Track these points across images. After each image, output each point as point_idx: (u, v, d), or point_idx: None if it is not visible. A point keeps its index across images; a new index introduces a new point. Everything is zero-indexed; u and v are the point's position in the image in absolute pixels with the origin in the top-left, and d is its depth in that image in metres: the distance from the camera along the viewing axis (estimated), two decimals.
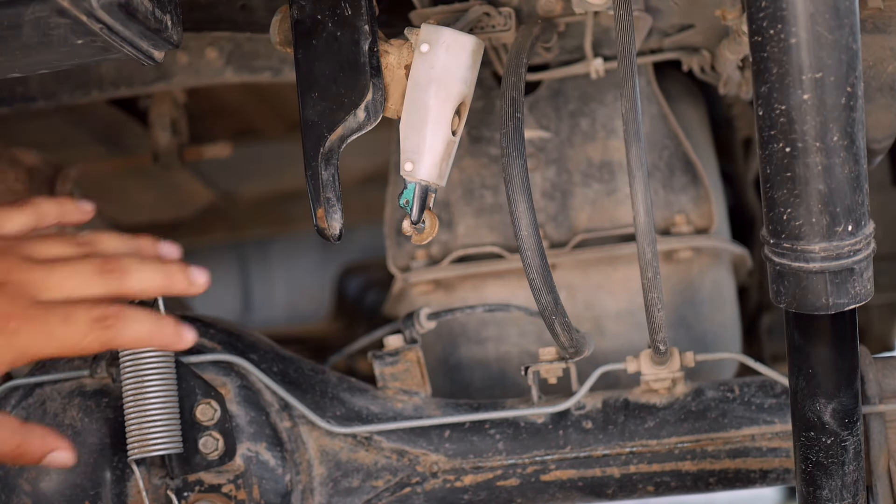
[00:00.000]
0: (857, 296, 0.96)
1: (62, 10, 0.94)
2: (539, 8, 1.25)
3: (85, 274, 0.98)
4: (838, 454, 1.10)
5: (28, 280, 0.96)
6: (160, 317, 0.99)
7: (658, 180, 1.47)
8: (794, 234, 0.93)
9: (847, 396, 1.07)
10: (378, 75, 1.10)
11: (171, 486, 1.28)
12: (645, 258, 1.02)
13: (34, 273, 0.97)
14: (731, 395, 1.29)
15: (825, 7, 0.86)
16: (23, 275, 0.96)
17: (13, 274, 0.96)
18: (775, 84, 0.88)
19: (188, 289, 1.02)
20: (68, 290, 0.97)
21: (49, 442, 1.01)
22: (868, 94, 1.26)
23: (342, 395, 1.32)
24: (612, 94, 1.48)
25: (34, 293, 0.96)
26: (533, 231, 1.04)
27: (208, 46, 1.55)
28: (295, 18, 1.10)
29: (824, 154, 0.89)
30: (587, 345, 1.19)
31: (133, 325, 0.97)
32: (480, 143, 1.49)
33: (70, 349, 0.95)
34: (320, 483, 1.31)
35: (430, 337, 1.51)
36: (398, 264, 1.52)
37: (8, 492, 1.27)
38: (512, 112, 1.06)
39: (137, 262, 1.00)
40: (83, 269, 0.98)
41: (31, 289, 0.96)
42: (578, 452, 1.29)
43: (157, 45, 1.04)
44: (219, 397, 1.27)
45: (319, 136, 1.10)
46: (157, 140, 1.78)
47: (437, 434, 1.31)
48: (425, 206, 1.13)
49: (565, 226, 1.48)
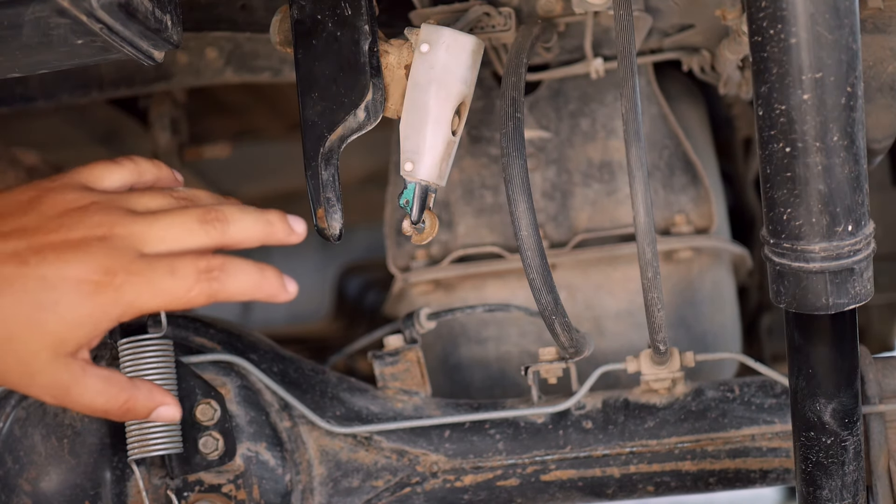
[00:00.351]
0: (857, 296, 0.96)
1: (62, 10, 0.94)
2: (539, 8, 1.25)
3: (187, 223, 0.96)
4: (838, 454, 1.10)
5: (131, 233, 0.95)
6: (263, 267, 0.97)
7: (658, 180, 1.47)
8: (794, 234, 0.93)
9: (847, 396, 1.07)
10: (378, 75, 1.10)
11: (171, 486, 1.28)
12: (645, 258, 1.02)
13: (137, 225, 0.95)
14: (731, 395, 1.29)
15: (825, 7, 0.86)
16: (125, 227, 0.95)
17: (116, 227, 0.94)
18: (775, 84, 0.88)
19: (288, 237, 1.01)
20: (171, 240, 0.95)
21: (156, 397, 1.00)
22: (868, 94, 1.26)
23: (342, 395, 1.32)
24: (612, 94, 1.48)
25: (138, 246, 0.94)
26: (533, 231, 1.04)
27: (208, 46, 1.55)
28: (295, 18, 1.10)
29: (824, 154, 0.89)
30: (587, 345, 1.19)
31: (238, 275, 0.96)
32: (480, 143, 1.49)
33: (176, 302, 0.94)
34: (320, 483, 1.31)
35: (430, 337, 1.51)
36: (398, 264, 1.52)
37: (8, 492, 1.27)
38: (512, 112, 1.06)
39: (238, 211, 0.99)
40: (185, 219, 0.97)
41: (135, 241, 0.94)
42: (578, 452, 1.29)
43: (157, 45, 1.04)
44: (219, 397, 1.27)
45: (319, 136, 1.10)
46: (157, 140, 1.78)
47: (437, 434, 1.31)
48: (425, 206, 1.13)
49: (565, 226, 1.48)
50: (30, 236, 0.93)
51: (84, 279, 0.92)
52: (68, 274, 0.92)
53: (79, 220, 0.94)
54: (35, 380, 0.94)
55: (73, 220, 0.94)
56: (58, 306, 0.92)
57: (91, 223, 0.94)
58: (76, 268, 0.92)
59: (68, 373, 0.95)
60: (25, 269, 0.92)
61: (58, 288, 0.92)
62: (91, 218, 0.94)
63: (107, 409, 0.98)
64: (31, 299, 0.92)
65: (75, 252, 0.93)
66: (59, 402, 0.96)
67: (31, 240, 0.93)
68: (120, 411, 0.99)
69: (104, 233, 0.94)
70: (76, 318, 0.93)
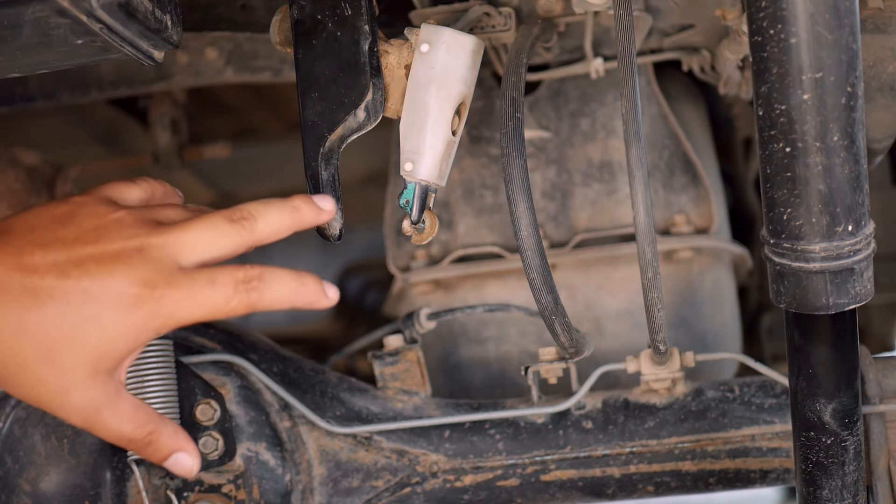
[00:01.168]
0: (858, 296, 0.96)
1: (62, 10, 0.94)
2: (539, 8, 1.25)
3: (218, 225, 0.97)
4: (838, 454, 1.10)
5: (166, 242, 0.95)
6: (302, 275, 0.97)
7: (658, 180, 1.47)
8: (794, 234, 0.93)
9: (847, 396, 1.07)
10: (378, 75, 1.10)
11: (171, 486, 1.28)
12: (645, 258, 1.02)
13: (170, 234, 0.95)
14: (731, 395, 1.29)
15: (825, 7, 0.86)
16: (160, 237, 0.95)
17: (151, 237, 0.94)
18: (775, 84, 0.88)
19: (318, 217, 1.02)
20: (204, 245, 0.96)
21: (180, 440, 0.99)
22: (868, 94, 1.26)
23: (342, 395, 1.32)
24: (612, 94, 1.48)
25: (174, 255, 0.94)
26: (533, 231, 1.04)
27: (208, 46, 1.55)
28: (295, 18, 1.10)
29: (824, 154, 0.89)
30: (587, 345, 1.19)
31: (277, 284, 0.96)
32: (480, 143, 1.49)
33: (215, 313, 0.94)
34: (320, 483, 1.31)
35: (430, 337, 1.51)
36: (398, 264, 1.52)
37: (8, 492, 1.27)
38: (512, 112, 1.06)
39: (262, 205, 0.99)
40: (214, 222, 0.97)
41: (170, 251, 0.94)
42: (578, 452, 1.29)
43: (157, 45, 1.04)
44: (219, 397, 1.27)
45: (319, 136, 1.10)
46: (157, 140, 1.78)
47: (437, 434, 1.31)
48: (425, 206, 1.13)
49: (565, 226, 1.48)
50: (69, 248, 0.93)
51: (125, 292, 0.92)
52: (110, 287, 0.91)
53: (115, 231, 0.94)
54: (69, 397, 0.93)
55: (108, 231, 0.94)
56: (100, 319, 0.91)
57: (127, 234, 0.94)
58: (118, 281, 0.92)
59: (103, 392, 0.94)
60: (67, 281, 0.91)
61: (100, 301, 0.91)
62: (126, 230, 0.94)
63: (131, 438, 0.97)
64: (73, 312, 0.91)
65: (116, 264, 0.92)
66: (87, 423, 0.95)
67: (71, 252, 0.92)
68: (143, 442, 0.97)
69: (140, 243, 0.94)
70: (118, 332, 0.92)
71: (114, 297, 0.92)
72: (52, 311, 0.91)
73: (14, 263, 0.91)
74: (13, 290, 0.90)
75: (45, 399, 0.93)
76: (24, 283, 0.91)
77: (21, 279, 0.91)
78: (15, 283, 0.90)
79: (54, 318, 0.91)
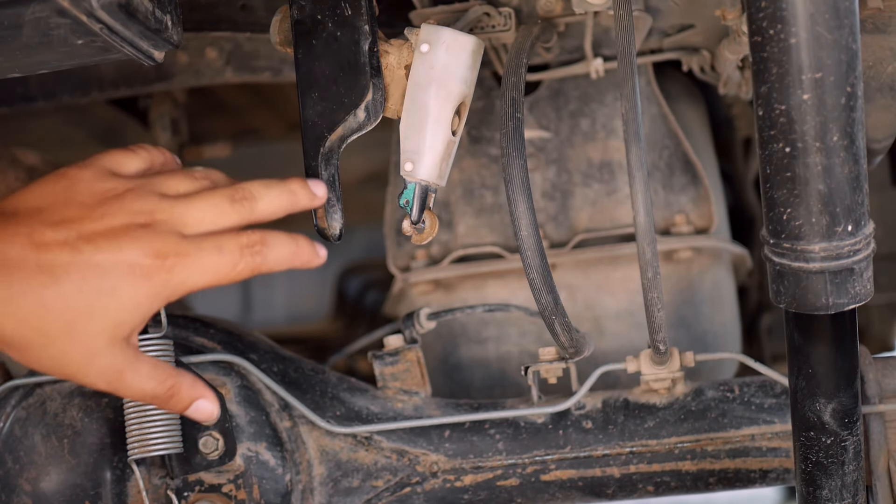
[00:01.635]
0: (857, 296, 0.96)
1: (62, 10, 0.94)
2: (539, 8, 1.25)
3: (220, 205, 1.01)
4: (838, 454, 1.10)
5: (170, 216, 0.98)
6: (296, 237, 1.02)
7: (658, 180, 1.47)
8: (794, 234, 0.93)
9: (847, 396, 1.07)
10: (378, 75, 1.10)
11: (171, 486, 1.28)
12: (645, 258, 1.02)
13: (175, 209, 0.99)
14: (731, 395, 1.29)
15: (825, 7, 0.86)
16: (164, 213, 0.98)
17: (156, 214, 0.98)
18: (775, 84, 0.88)
19: (311, 202, 1.06)
20: (208, 222, 1.00)
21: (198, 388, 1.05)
22: (868, 94, 1.26)
23: (342, 395, 1.32)
24: (612, 94, 1.48)
25: (179, 229, 0.98)
26: (533, 231, 1.04)
27: (208, 46, 1.55)
28: (295, 18, 1.10)
29: (824, 154, 0.89)
30: (587, 345, 1.19)
31: (277, 247, 1.01)
32: (480, 143, 1.49)
33: (222, 279, 0.99)
34: (320, 483, 1.31)
35: (430, 337, 1.51)
36: (398, 264, 1.52)
37: (8, 492, 1.27)
38: (512, 112, 1.06)
39: (262, 187, 1.03)
40: (217, 200, 1.01)
41: (175, 225, 0.98)
42: (578, 452, 1.29)
43: (157, 45, 1.04)
44: (219, 397, 1.27)
45: (319, 136, 1.10)
46: (157, 140, 1.78)
47: (437, 434, 1.31)
48: (425, 206, 1.13)
49: (565, 226, 1.48)
50: (77, 226, 0.96)
51: (136, 263, 0.95)
52: (121, 259, 0.95)
53: (118, 208, 0.97)
54: (93, 365, 0.97)
55: (113, 207, 0.97)
56: (116, 291, 0.95)
57: (131, 210, 0.97)
58: (128, 253, 0.95)
59: (123, 357, 0.98)
60: (80, 256, 0.94)
61: (113, 273, 0.95)
62: (130, 205, 0.98)
63: (155, 394, 1.01)
64: (89, 286, 0.94)
65: (124, 239, 0.96)
66: (112, 386, 0.99)
67: (80, 229, 0.95)
68: (166, 396, 1.02)
69: (145, 220, 0.97)
70: (133, 302, 0.96)
71: (126, 268, 0.95)
72: (69, 285, 0.94)
73: (27, 242, 0.94)
74: (30, 267, 0.93)
75: (69, 370, 0.97)
76: (39, 260, 0.94)
77: (36, 257, 0.93)
78: (31, 261, 0.93)
79: (72, 293, 0.94)
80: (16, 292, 0.93)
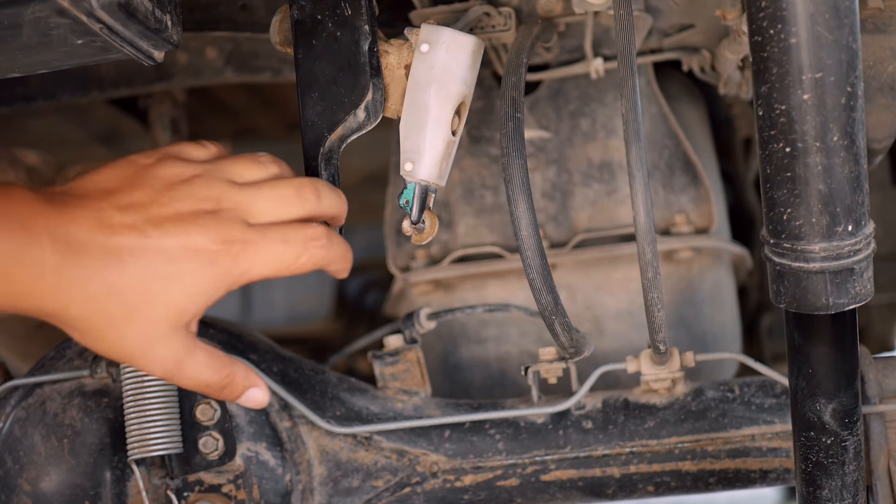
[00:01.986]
0: (857, 296, 0.96)
1: (62, 10, 0.94)
2: (539, 8, 1.25)
3: (287, 197, 1.01)
4: (838, 454, 1.09)
5: (237, 204, 0.98)
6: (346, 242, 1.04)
7: (658, 180, 1.47)
8: (794, 234, 0.93)
9: (847, 396, 1.07)
10: (378, 75, 1.10)
11: (171, 486, 1.28)
12: (645, 258, 1.02)
13: (241, 196, 0.99)
14: (731, 395, 1.29)
15: (825, 7, 0.86)
16: (231, 200, 0.98)
17: (223, 201, 0.98)
18: (775, 84, 0.88)
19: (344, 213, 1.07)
20: (272, 211, 1.00)
21: (251, 377, 1.04)
22: (868, 94, 1.26)
23: (342, 395, 1.32)
24: (612, 94, 1.48)
25: (244, 217, 0.98)
26: (533, 231, 1.04)
27: (208, 46, 1.55)
28: (295, 18, 1.10)
29: (824, 154, 0.89)
30: (587, 345, 1.19)
31: (336, 246, 1.02)
32: (480, 143, 1.49)
33: (285, 270, 0.99)
34: (320, 483, 1.31)
35: (430, 337, 1.51)
36: (398, 264, 1.52)
37: (8, 492, 1.27)
38: (512, 112, 1.06)
39: (326, 186, 1.04)
40: (284, 192, 1.01)
41: (241, 213, 0.98)
42: (578, 452, 1.29)
43: (157, 45, 1.04)
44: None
45: (319, 136, 1.10)
46: (157, 140, 1.78)
47: (437, 434, 1.31)
48: (425, 206, 1.13)
49: (565, 226, 1.48)
50: (145, 210, 0.96)
51: (203, 249, 0.95)
52: (188, 245, 0.95)
53: (186, 194, 0.97)
54: (152, 350, 0.96)
55: (180, 193, 0.97)
56: (181, 276, 0.95)
57: (199, 197, 0.97)
58: (195, 239, 0.95)
59: (183, 344, 0.97)
60: (146, 240, 0.94)
61: (179, 259, 0.95)
62: (198, 191, 0.98)
63: (210, 383, 1.01)
64: (154, 270, 0.94)
65: (191, 225, 0.96)
66: (169, 374, 0.98)
67: (147, 213, 0.95)
68: (220, 385, 1.01)
69: (212, 207, 0.97)
70: (197, 288, 0.96)
71: (192, 254, 0.95)
72: (134, 269, 0.94)
73: (95, 224, 0.94)
74: (97, 249, 0.93)
75: (128, 353, 0.96)
76: (106, 243, 0.93)
77: (103, 239, 0.93)
78: (98, 243, 0.93)
79: (136, 277, 0.94)
80: (82, 273, 0.92)
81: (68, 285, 0.92)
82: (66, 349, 1.32)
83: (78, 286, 0.92)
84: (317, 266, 1.01)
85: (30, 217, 0.91)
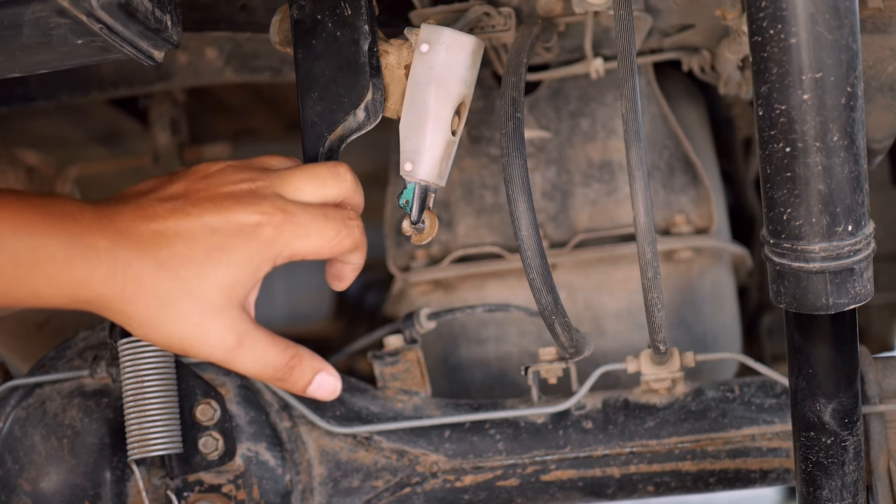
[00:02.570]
0: (857, 296, 0.96)
1: (62, 10, 0.94)
2: (539, 8, 1.25)
3: (322, 176, 1.02)
4: (838, 454, 1.09)
5: (273, 183, 1.00)
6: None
7: (658, 180, 1.47)
8: (794, 234, 0.93)
9: (847, 396, 1.07)
10: (378, 75, 1.10)
11: (171, 486, 1.28)
12: (645, 258, 1.02)
13: (277, 177, 1.01)
14: (731, 395, 1.29)
15: (825, 7, 0.86)
16: (267, 180, 1.00)
17: (258, 181, 0.99)
18: (775, 84, 0.88)
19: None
20: (308, 191, 1.01)
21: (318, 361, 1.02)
22: (868, 94, 1.26)
23: (342, 395, 1.32)
24: (612, 94, 1.48)
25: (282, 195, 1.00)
26: (533, 231, 1.04)
27: (208, 46, 1.55)
28: (295, 18, 1.10)
29: (824, 154, 0.89)
30: (587, 345, 1.19)
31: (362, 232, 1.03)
32: (480, 143, 1.49)
33: (324, 247, 1.00)
34: (320, 483, 1.31)
35: (430, 337, 1.51)
36: (398, 264, 1.52)
37: (8, 492, 1.27)
38: (512, 112, 1.06)
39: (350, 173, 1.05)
40: (319, 172, 1.03)
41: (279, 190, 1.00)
42: (578, 452, 1.29)
43: (157, 45, 1.04)
44: (219, 397, 1.27)
45: (319, 136, 1.10)
46: (157, 140, 1.78)
47: (437, 434, 1.31)
48: (425, 206, 1.13)
49: (565, 226, 1.48)
50: (184, 196, 0.98)
51: (244, 221, 0.97)
52: (230, 219, 0.96)
53: (223, 179, 0.99)
54: (210, 328, 0.96)
55: (216, 179, 0.99)
56: (226, 246, 0.96)
57: (234, 179, 0.99)
58: (236, 212, 0.97)
59: (240, 321, 0.97)
60: (189, 219, 0.96)
61: (223, 231, 0.96)
62: (233, 176, 1.00)
63: (277, 363, 0.99)
64: (201, 244, 0.95)
65: (231, 201, 0.97)
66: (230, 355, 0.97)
67: (186, 198, 0.97)
68: (287, 367, 1.00)
69: (248, 187, 0.99)
70: (243, 258, 0.96)
71: (235, 226, 0.96)
72: (181, 247, 0.95)
73: (137, 214, 0.95)
74: (143, 235, 0.94)
75: (187, 335, 0.96)
76: (151, 227, 0.95)
77: (147, 225, 0.95)
78: (143, 230, 0.95)
79: (184, 254, 0.95)
80: (134, 254, 0.93)
81: (124, 267, 0.93)
82: (66, 349, 1.32)
83: (134, 267, 0.93)
84: (350, 248, 1.02)
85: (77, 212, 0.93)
